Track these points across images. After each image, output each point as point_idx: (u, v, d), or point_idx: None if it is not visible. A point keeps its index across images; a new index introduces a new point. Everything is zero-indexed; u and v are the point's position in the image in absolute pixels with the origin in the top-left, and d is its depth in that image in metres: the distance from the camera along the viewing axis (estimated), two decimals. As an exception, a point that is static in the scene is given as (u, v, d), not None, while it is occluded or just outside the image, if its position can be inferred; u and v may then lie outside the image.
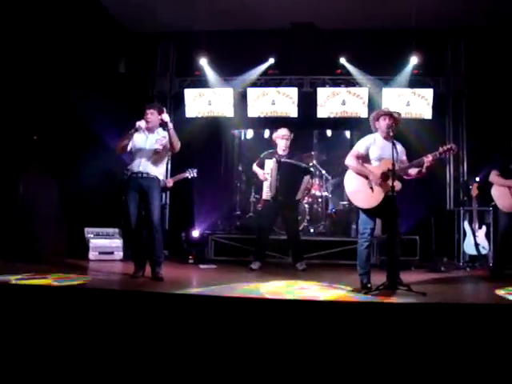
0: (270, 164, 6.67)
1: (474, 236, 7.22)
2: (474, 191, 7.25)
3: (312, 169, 6.78)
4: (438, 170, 8.05)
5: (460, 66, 8.54)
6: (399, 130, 5.15)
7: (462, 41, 8.51)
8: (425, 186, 7.56)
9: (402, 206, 5.03)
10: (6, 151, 7.00)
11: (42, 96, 7.06)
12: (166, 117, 5.41)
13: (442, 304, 4.24)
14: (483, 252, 7.19)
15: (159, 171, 5.50)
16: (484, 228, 7.28)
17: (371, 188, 4.91)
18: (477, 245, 7.18)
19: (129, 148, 5.42)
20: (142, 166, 5.37)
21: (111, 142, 7.78)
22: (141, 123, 5.30)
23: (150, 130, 5.45)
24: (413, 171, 4.94)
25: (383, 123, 5.01)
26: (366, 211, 5.00)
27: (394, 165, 4.64)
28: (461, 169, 8.57)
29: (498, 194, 6.13)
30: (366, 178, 4.96)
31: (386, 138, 4.98)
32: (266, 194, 6.70)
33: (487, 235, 7.26)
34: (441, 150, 4.67)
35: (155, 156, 5.42)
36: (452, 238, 7.76)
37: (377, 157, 5.00)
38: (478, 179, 7.37)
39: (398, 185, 4.72)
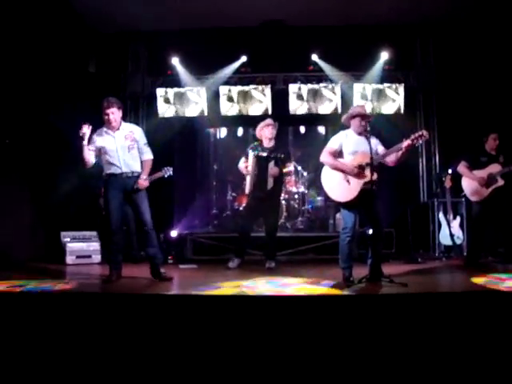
0: (251, 157, 6.53)
1: (449, 227, 7.37)
2: (448, 183, 7.39)
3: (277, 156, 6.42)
4: (410, 164, 8.18)
5: (429, 61, 8.71)
6: (371, 124, 5.19)
7: (431, 36, 8.68)
8: (398, 180, 7.72)
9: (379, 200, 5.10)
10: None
11: (12, 99, 6.90)
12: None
13: (425, 294, 4.33)
14: (458, 242, 7.35)
15: (139, 166, 5.29)
16: (458, 218, 7.45)
17: (348, 181, 4.95)
18: (452, 235, 7.33)
19: (94, 159, 5.20)
20: (123, 165, 5.16)
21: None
22: (84, 130, 5.06)
23: (113, 128, 5.20)
24: (391, 158, 4.97)
25: (357, 123, 5.06)
26: (346, 205, 5.03)
27: (372, 158, 4.72)
28: (433, 161, 8.74)
29: (468, 184, 6.29)
30: (343, 171, 5.00)
31: (360, 133, 5.04)
32: (247, 189, 6.57)
33: (461, 225, 7.43)
34: (412, 136, 4.72)
35: (131, 151, 5.22)
36: (427, 229, 7.91)
37: (351, 151, 5.04)
38: (450, 171, 7.50)
39: (374, 176, 4.80)
